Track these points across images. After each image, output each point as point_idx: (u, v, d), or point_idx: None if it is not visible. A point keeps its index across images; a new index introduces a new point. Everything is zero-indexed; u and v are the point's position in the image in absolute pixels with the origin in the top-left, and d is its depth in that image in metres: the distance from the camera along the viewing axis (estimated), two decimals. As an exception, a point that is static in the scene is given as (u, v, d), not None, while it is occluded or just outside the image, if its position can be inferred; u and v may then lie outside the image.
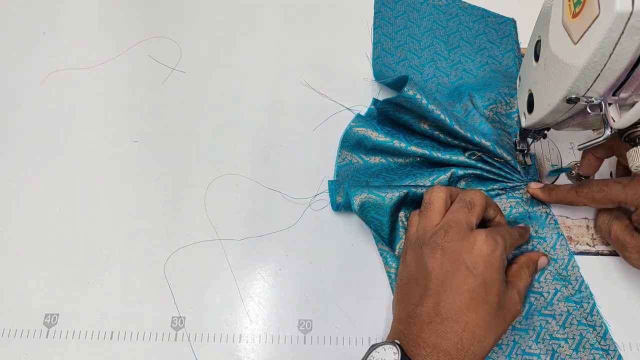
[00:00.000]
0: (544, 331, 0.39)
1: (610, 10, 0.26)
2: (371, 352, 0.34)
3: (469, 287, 0.34)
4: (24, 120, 0.50)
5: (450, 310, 0.33)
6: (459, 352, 0.32)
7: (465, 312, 0.33)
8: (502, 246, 0.35)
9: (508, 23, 0.54)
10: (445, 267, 0.35)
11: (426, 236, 0.37)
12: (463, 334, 0.33)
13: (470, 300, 0.33)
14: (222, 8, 0.56)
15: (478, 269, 0.34)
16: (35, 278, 0.42)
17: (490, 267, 0.34)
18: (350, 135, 0.46)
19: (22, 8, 0.56)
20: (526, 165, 0.44)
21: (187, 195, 0.46)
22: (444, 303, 0.34)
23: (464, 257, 0.34)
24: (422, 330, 0.33)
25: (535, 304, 0.40)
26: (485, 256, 0.34)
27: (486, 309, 0.34)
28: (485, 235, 0.35)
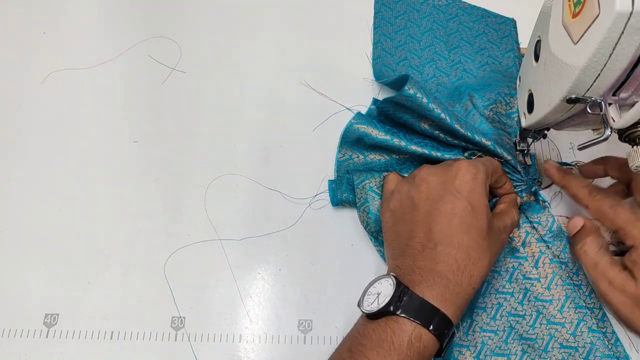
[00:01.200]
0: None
1: (610, 10, 0.26)
2: (369, 287, 0.34)
3: (457, 210, 0.35)
4: (24, 120, 0.50)
5: (441, 235, 0.34)
6: (455, 273, 0.33)
7: (457, 234, 0.34)
8: (483, 172, 0.37)
9: (508, 23, 0.54)
10: (431, 197, 0.36)
11: (409, 178, 0.39)
12: (457, 255, 0.33)
13: (460, 223, 0.34)
14: (222, 8, 0.56)
15: (463, 193, 0.35)
16: (35, 278, 0.42)
17: (475, 191, 0.35)
18: (350, 132, 0.46)
19: (22, 8, 0.56)
20: (526, 165, 0.44)
21: (187, 195, 0.46)
22: (435, 229, 0.34)
23: (448, 185, 0.36)
24: (417, 258, 0.34)
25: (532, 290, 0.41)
26: (469, 181, 0.36)
27: (476, 230, 0.34)
28: (467, 163, 0.37)
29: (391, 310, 0.32)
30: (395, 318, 0.32)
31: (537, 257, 0.41)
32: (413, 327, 0.31)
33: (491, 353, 0.39)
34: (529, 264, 0.41)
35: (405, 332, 0.31)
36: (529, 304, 0.40)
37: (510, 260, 0.41)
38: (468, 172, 0.36)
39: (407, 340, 0.31)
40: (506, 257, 0.41)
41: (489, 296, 0.40)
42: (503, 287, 0.40)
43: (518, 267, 0.41)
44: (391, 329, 0.32)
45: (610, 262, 0.36)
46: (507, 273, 0.41)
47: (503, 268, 0.41)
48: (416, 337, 0.31)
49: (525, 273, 0.41)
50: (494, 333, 0.39)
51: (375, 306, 0.33)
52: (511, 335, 0.39)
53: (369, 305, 0.33)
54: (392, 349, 0.31)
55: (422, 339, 0.31)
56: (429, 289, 0.33)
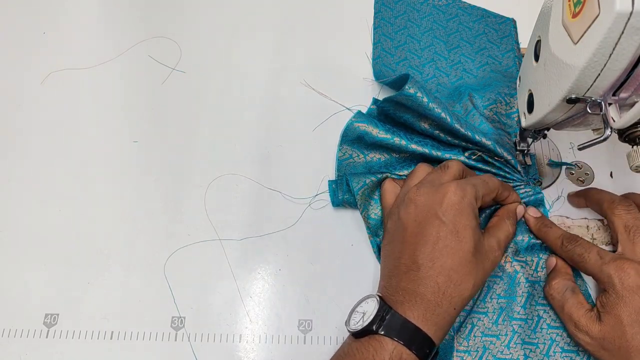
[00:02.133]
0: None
1: (610, 10, 0.26)
2: (356, 307, 0.35)
3: (442, 234, 0.35)
4: (24, 120, 0.50)
5: (425, 258, 0.35)
6: (435, 294, 0.34)
7: (440, 257, 0.34)
8: (471, 194, 0.37)
9: (508, 23, 0.54)
10: (418, 219, 0.36)
11: (401, 196, 0.40)
12: (438, 278, 0.34)
13: (444, 247, 0.35)
14: (222, 8, 0.56)
15: (448, 217, 0.35)
16: (35, 278, 0.42)
17: (460, 214, 0.36)
18: (351, 130, 0.46)
19: (22, 8, 0.56)
20: (526, 165, 0.44)
21: (187, 195, 0.46)
22: (420, 252, 0.35)
23: (435, 208, 0.36)
24: (401, 280, 0.35)
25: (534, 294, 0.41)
26: (455, 204, 0.36)
27: (460, 254, 0.35)
28: (455, 186, 0.37)
29: (374, 329, 0.33)
30: (378, 337, 0.33)
31: (537, 261, 0.41)
32: (394, 346, 0.32)
33: (493, 358, 0.39)
34: (530, 267, 0.41)
35: (387, 351, 0.32)
36: (531, 308, 0.40)
37: (513, 263, 0.41)
38: (455, 194, 0.36)
39: (387, 358, 0.32)
40: (507, 262, 0.41)
41: (491, 301, 0.40)
42: (505, 291, 0.40)
43: (521, 270, 0.41)
44: (373, 347, 0.32)
45: (577, 304, 0.37)
46: (510, 277, 0.41)
47: (505, 272, 0.41)
48: (396, 356, 0.32)
49: (528, 276, 0.41)
50: (496, 337, 0.39)
51: (360, 325, 0.33)
52: (513, 340, 0.39)
53: (354, 324, 0.34)
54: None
55: (403, 357, 0.32)
56: (410, 310, 0.33)
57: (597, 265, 0.36)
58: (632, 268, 0.34)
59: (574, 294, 0.37)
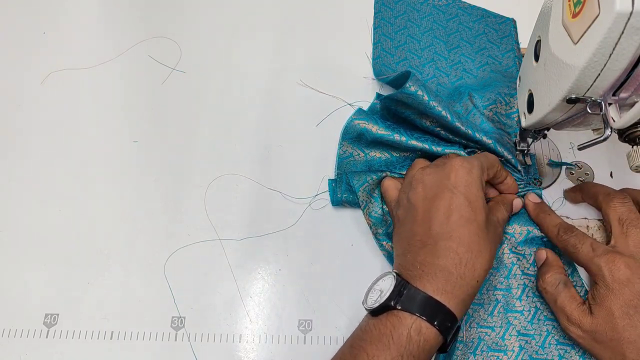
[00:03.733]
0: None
1: (610, 10, 0.26)
2: (372, 285, 0.35)
3: (455, 205, 0.35)
4: (24, 120, 0.50)
5: (441, 230, 0.34)
6: (457, 266, 0.33)
7: (456, 228, 0.34)
8: (478, 167, 0.37)
9: (508, 23, 0.54)
10: (428, 196, 0.36)
11: (406, 181, 0.40)
12: (459, 249, 0.34)
13: (459, 218, 0.35)
14: (222, 8, 0.56)
15: (460, 188, 0.36)
16: (35, 278, 0.42)
17: (470, 186, 0.36)
18: (351, 128, 0.46)
19: (22, 8, 0.56)
20: (526, 165, 0.44)
21: (187, 195, 0.46)
22: (434, 226, 0.35)
23: (444, 182, 0.36)
24: (417, 254, 0.34)
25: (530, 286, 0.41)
26: (464, 176, 0.36)
27: (475, 224, 0.35)
28: (461, 160, 0.37)
29: (392, 305, 0.32)
30: (396, 312, 0.32)
31: (534, 255, 0.41)
32: (412, 321, 0.31)
33: (488, 349, 0.39)
34: (527, 260, 0.41)
35: (405, 326, 0.31)
36: (527, 299, 0.40)
37: (509, 255, 0.41)
38: (462, 167, 0.37)
39: (406, 333, 0.31)
40: (504, 253, 0.41)
41: (487, 292, 0.40)
42: (501, 283, 0.40)
43: (517, 262, 0.41)
44: (391, 323, 0.32)
45: (569, 297, 0.36)
46: (506, 269, 0.41)
47: (502, 264, 0.41)
48: (415, 331, 0.31)
49: (524, 269, 0.41)
50: (491, 329, 0.39)
51: (377, 302, 0.33)
52: (508, 331, 0.39)
53: (371, 303, 0.33)
54: (391, 343, 0.31)
55: (422, 332, 0.31)
56: (430, 283, 0.33)
57: (588, 256, 0.36)
58: (622, 261, 0.34)
59: (567, 287, 0.37)
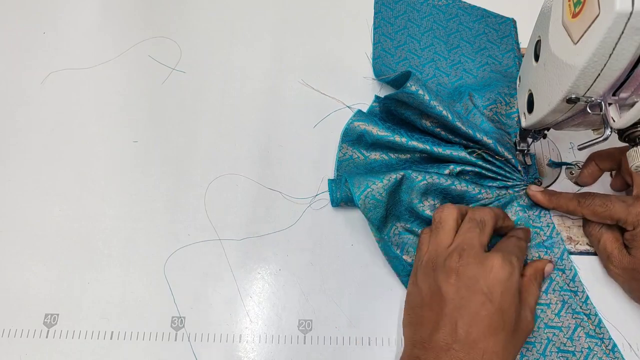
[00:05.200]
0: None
1: (610, 10, 0.26)
2: None
3: (487, 313, 0.33)
4: (24, 121, 0.50)
5: (468, 336, 0.33)
6: None
7: (483, 339, 0.33)
8: (518, 269, 0.35)
9: (508, 23, 0.54)
10: (461, 293, 0.34)
11: (439, 259, 0.36)
12: None
13: (488, 327, 0.33)
14: (222, 8, 0.56)
15: (495, 295, 0.34)
16: (35, 278, 0.42)
17: (507, 293, 0.34)
18: (351, 130, 0.46)
19: (22, 8, 0.56)
20: (526, 165, 0.44)
21: (187, 195, 0.46)
22: (461, 329, 0.33)
23: (481, 283, 0.34)
24: (440, 357, 0.33)
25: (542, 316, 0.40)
26: (502, 281, 0.34)
27: (503, 335, 0.33)
28: (502, 260, 0.35)
29: None
30: None
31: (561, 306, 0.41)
32: None
33: None
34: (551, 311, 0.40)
35: None
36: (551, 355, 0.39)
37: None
38: (503, 270, 0.34)
39: None
40: None
41: None
42: None
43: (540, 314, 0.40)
44: None
45: (612, 238, 0.40)
46: None
47: None
48: None
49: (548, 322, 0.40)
50: None
51: None
52: None
53: None
54: None
55: None
56: None
57: (623, 208, 0.38)
58: None
59: (610, 229, 0.40)
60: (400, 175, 0.42)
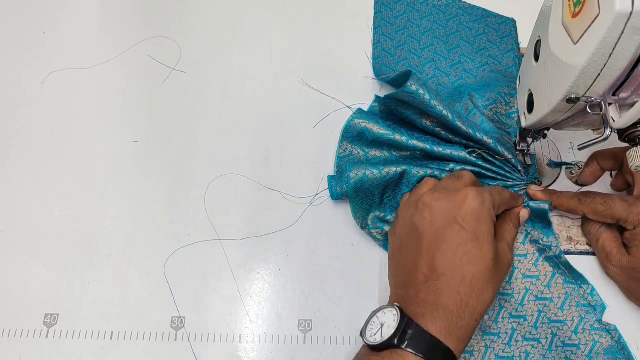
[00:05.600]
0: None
1: (610, 10, 0.26)
2: (372, 317, 0.34)
3: (462, 241, 0.34)
4: (24, 121, 0.50)
5: (445, 266, 0.34)
6: (458, 306, 0.33)
7: (461, 266, 0.34)
8: (489, 201, 0.36)
9: (508, 23, 0.54)
10: (435, 225, 0.35)
11: (412, 200, 0.38)
12: (461, 288, 0.33)
13: (465, 254, 0.34)
14: (222, 8, 0.56)
15: (469, 223, 0.34)
16: (35, 278, 0.42)
17: (480, 221, 0.35)
18: (351, 128, 0.46)
19: (22, 8, 0.56)
20: (526, 165, 0.44)
21: (187, 195, 0.46)
22: (439, 260, 0.34)
23: (453, 213, 0.35)
24: (420, 290, 0.34)
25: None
26: (475, 210, 0.35)
27: (481, 262, 0.34)
28: (475, 192, 0.36)
29: (395, 343, 0.32)
30: (400, 352, 0.32)
31: (550, 276, 0.41)
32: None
33: (495, 357, 0.39)
34: (541, 283, 0.41)
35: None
36: (529, 304, 0.40)
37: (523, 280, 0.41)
38: (475, 200, 0.35)
39: None
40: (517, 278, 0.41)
41: (503, 321, 0.40)
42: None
43: (530, 287, 0.41)
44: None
45: (611, 238, 0.40)
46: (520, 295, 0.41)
47: (515, 291, 0.41)
48: None
49: (538, 294, 0.41)
50: (497, 336, 0.39)
51: (379, 338, 0.32)
52: (514, 337, 0.39)
53: (372, 337, 0.33)
54: None
55: None
56: (432, 323, 0.32)
57: (624, 207, 0.38)
58: None
59: (609, 229, 0.40)
60: (401, 169, 0.42)
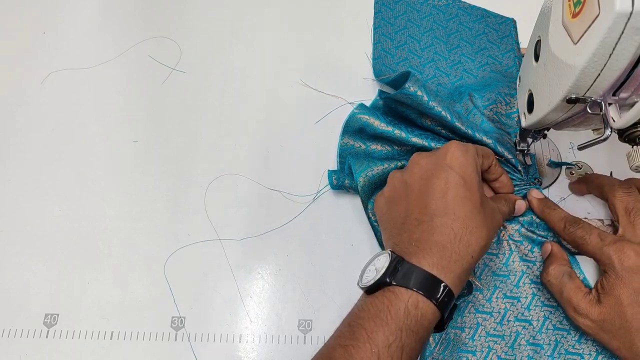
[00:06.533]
0: (547, 322, 0.40)
1: (610, 10, 0.26)
2: (367, 265, 0.34)
3: (451, 183, 0.35)
4: (24, 121, 0.50)
5: (437, 207, 0.34)
6: (452, 241, 0.33)
7: (452, 206, 0.34)
8: (473, 150, 0.37)
9: (508, 23, 0.54)
10: (424, 176, 0.36)
11: (403, 167, 0.40)
12: (454, 225, 0.34)
13: (455, 196, 0.35)
14: (222, 8, 0.56)
15: (455, 168, 0.36)
16: (35, 278, 0.42)
17: (466, 166, 0.36)
18: (353, 121, 0.46)
19: (22, 8, 0.56)
20: (526, 165, 0.44)
21: (187, 195, 0.46)
22: (431, 203, 0.35)
23: (440, 162, 0.36)
24: (413, 232, 0.34)
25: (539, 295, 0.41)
26: (459, 156, 0.36)
27: (471, 203, 0.35)
28: (456, 143, 0.37)
29: (387, 281, 0.32)
30: (392, 288, 0.32)
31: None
32: (409, 295, 0.31)
33: (486, 334, 0.39)
34: (537, 268, 0.41)
35: (402, 301, 0.31)
36: (536, 309, 0.40)
37: (520, 264, 0.41)
38: (458, 149, 0.37)
39: (403, 308, 0.31)
40: (514, 261, 0.41)
41: (497, 301, 0.40)
42: (510, 291, 0.41)
43: (527, 270, 0.41)
44: (387, 299, 0.32)
45: (575, 288, 0.37)
46: (516, 277, 0.41)
47: (512, 271, 0.41)
48: (412, 305, 0.31)
49: (534, 277, 0.41)
50: (489, 314, 0.40)
51: (372, 279, 0.33)
52: (506, 317, 0.40)
53: (366, 281, 0.33)
54: (389, 318, 0.31)
55: (419, 306, 0.31)
56: (425, 258, 0.33)
57: (597, 246, 0.36)
58: (631, 249, 0.35)
59: (572, 278, 0.37)
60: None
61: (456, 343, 0.39)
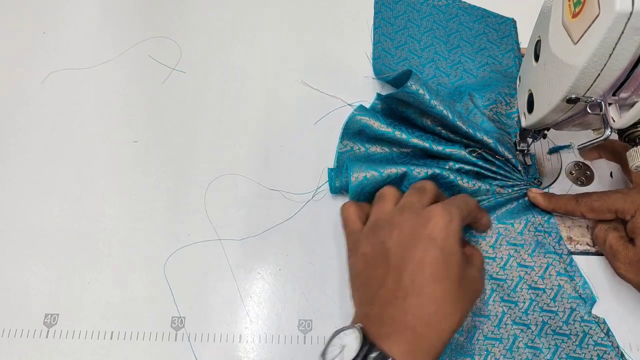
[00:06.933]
0: (547, 326, 0.40)
1: (610, 10, 0.26)
2: (333, 338, 0.33)
3: (430, 259, 0.33)
4: (23, 121, 0.50)
5: (413, 284, 0.33)
6: (424, 327, 0.32)
7: (429, 284, 0.32)
8: (458, 217, 0.35)
9: (508, 23, 0.54)
10: (403, 243, 0.34)
11: (380, 221, 0.37)
12: (427, 308, 0.32)
13: (433, 273, 0.33)
14: (222, 8, 0.56)
15: (437, 240, 0.34)
16: (35, 278, 0.42)
17: (448, 239, 0.34)
18: (352, 123, 0.46)
19: (22, 8, 0.56)
20: (526, 165, 0.44)
21: (187, 195, 0.46)
22: (406, 278, 0.33)
23: (422, 231, 0.34)
24: (386, 308, 0.33)
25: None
26: (442, 227, 0.34)
27: (449, 281, 0.33)
28: (441, 208, 0.35)
29: None
30: None
31: (545, 267, 0.41)
32: None
33: (484, 337, 0.39)
34: (535, 273, 0.41)
35: None
36: (534, 314, 0.40)
37: (517, 269, 0.41)
38: (442, 218, 0.34)
39: None
40: (512, 266, 0.42)
41: (493, 304, 0.40)
42: (508, 295, 0.41)
43: (524, 276, 0.41)
44: None
45: (617, 237, 0.39)
46: (513, 282, 0.41)
47: (509, 276, 0.41)
48: None
49: (532, 283, 0.41)
50: (487, 318, 0.40)
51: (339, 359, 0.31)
52: (503, 320, 0.40)
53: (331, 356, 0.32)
54: None
55: None
56: (397, 345, 0.31)
57: (618, 198, 0.38)
58: None
59: (616, 229, 0.39)
60: (402, 171, 0.42)
61: (454, 347, 0.39)
